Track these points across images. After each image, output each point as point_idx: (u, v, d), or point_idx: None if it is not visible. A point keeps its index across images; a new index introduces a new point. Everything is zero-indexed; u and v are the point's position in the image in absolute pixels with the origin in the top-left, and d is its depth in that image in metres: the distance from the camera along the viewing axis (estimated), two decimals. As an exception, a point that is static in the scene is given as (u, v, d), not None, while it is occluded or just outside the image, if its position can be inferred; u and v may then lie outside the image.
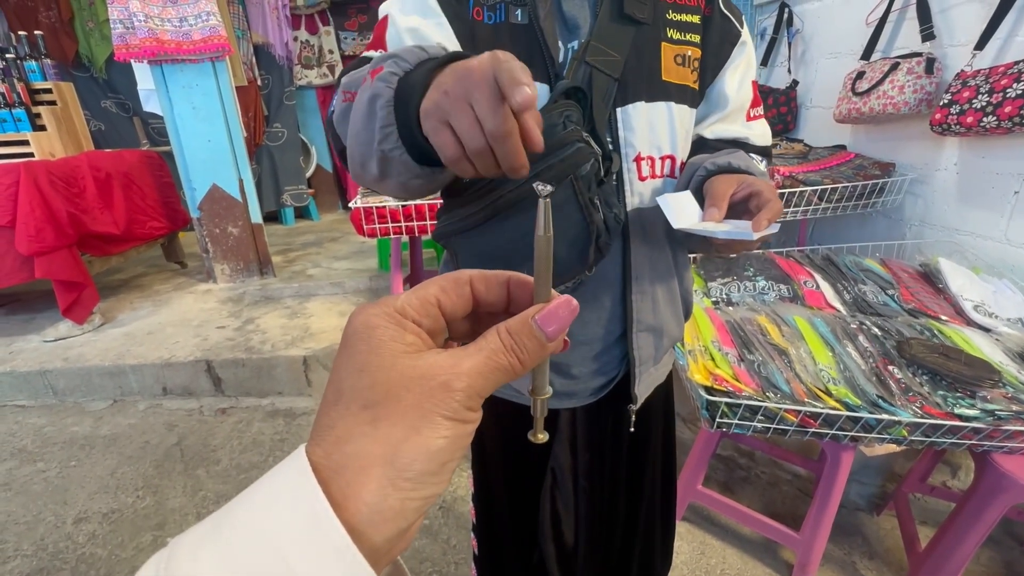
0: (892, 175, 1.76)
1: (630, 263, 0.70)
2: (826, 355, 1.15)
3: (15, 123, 2.33)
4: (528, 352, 0.23)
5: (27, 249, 2.13)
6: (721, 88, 0.72)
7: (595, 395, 0.78)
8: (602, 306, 0.72)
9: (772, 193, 0.60)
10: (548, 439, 0.27)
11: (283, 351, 2.23)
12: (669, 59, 0.66)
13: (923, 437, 1.00)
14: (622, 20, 0.64)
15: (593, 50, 0.62)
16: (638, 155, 0.67)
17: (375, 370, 0.21)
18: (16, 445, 1.93)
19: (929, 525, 1.47)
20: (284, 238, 3.99)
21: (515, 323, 0.24)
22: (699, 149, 0.74)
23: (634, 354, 0.74)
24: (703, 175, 0.66)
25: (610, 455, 0.86)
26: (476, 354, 0.23)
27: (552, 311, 0.24)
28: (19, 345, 2.37)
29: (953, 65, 1.57)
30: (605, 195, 0.60)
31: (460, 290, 0.25)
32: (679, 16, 0.67)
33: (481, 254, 0.63)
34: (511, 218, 0.59)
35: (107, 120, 3.95)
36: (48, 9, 3.58)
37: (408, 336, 0.22)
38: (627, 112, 0.65)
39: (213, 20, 2.44)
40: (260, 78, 3.96)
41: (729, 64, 0.71)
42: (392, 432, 0.20)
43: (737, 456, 1.76)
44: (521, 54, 0.60)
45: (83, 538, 1.50)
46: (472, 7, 0.63)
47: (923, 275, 1.49)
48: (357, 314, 0.23)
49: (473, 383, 0.22)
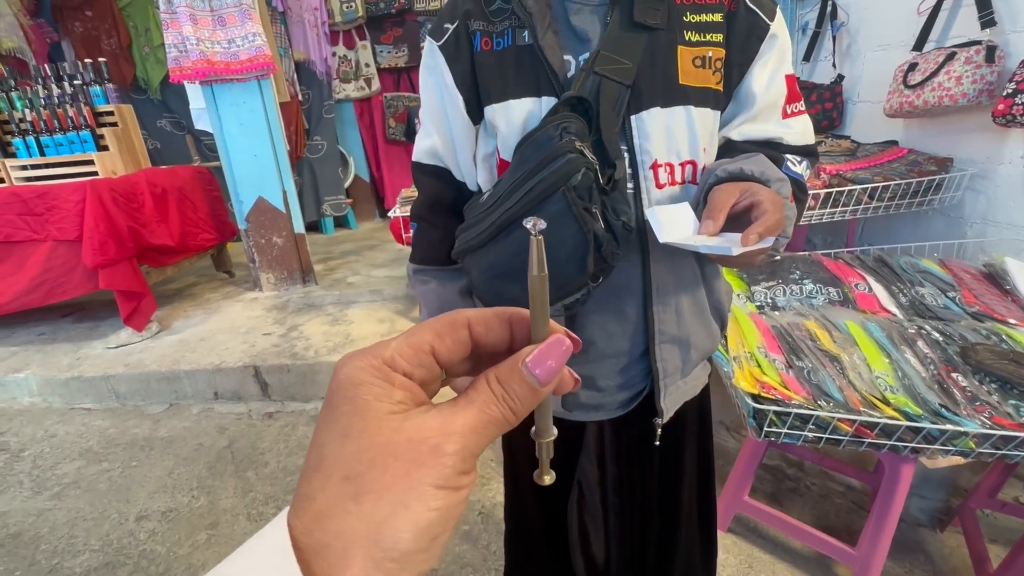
0: (950, 171, 1.67)
1: (650, 273, 0.68)
2: (882, 362, 1.09)
3: (81, 144, 2.50)
4: (520, 400, 0.22)
5: (92, 262, 2.28)
6: (748, 86, 0.69)
7: (622, 408, 0.77)
8: (627, 318, 0.71)
9: (773, 204, 0.57)
10: (554, 480, 0.26)
11: (325, 357, 2.30)
12: (687, 62, 0.64)
13: (993, 449, 0.93)
14: (633, 28, 0.63)
15: (602, 59, 0.62)
16: (655, 162, 0.65)
17: (359, 435, 0.19)
18: (83, 446, 2.06)
19: (1000, 544, 1.37)
20: (324, 247, 4.11)
21: (504, 369, 0.22)
22: (727, 151, 0.71)
23: (658, 366, 0.72)
24: (712, 183, 0.63)
25: (639, 470, 0.84)
26: (467, 407, 0.21)
27: (543, 353, 0.22)
28: (85, 351, 2.53)
29: (1017, 52, 1.47)
30: (613, 203, 0.60)
31: (457, 334, 0.23)
32: (698, 17, 0.65)
33: (489, 269, 0.65)
34: (512, 234, 0.62)
35: (163, 138, 4.19)
36: (109, 37, 3.84)
37: (396, 393, 0.21)
38: (641, 119, 0.64)
39: (259, 40, 2.56)
40: (301, 93, 4.11)
41: (757, 60, 0.68)
42: (377, 509, 0.19)
43: (785, 466, 1.69)
44: (528, 73, 0.66)
45: (144, 535, 1.59)
46: (480, 39, 0.68)
47: (987, 276, 1.40)
48: (343, 365, 0.21)
49: (467, 443, 0.20)
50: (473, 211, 0.70)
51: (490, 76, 0.68)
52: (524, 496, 0.90)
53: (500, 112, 0.68)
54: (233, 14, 2.51)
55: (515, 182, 0.61)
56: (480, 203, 0.68)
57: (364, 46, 4.36)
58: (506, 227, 0.62)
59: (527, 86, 0.66)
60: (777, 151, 0.70)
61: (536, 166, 0.58)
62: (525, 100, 0.66)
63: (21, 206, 2.30)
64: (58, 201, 2.29)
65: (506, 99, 0.67)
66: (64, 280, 2.37)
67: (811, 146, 0.74)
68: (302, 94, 4.13)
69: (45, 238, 2.33)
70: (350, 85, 4.42)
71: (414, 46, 4.38)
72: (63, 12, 3.77)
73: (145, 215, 2.58)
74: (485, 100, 0.69)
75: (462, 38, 0.68)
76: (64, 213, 2.29)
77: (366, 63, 4.40)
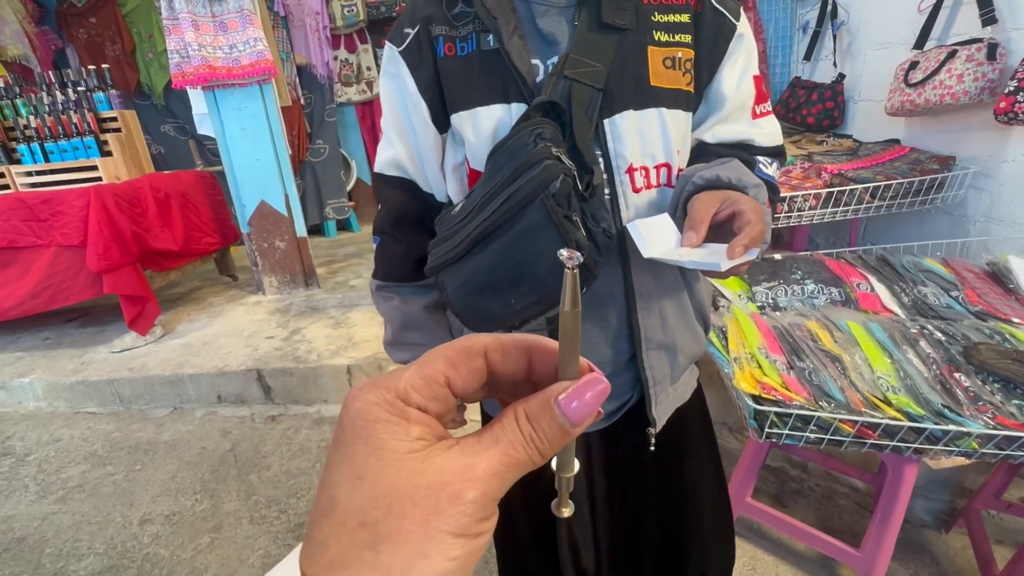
0: (952, 169, 1.66)
1: (632, 279, 0.67)
2: (884, 362, 1.09)
3: (85, 150, 2.52)
4: (549, 440, 0.20)
5: (96, 266, 2.30)
6: (718, 87, 0.68)
7: (608, 419, 0.75)
8: (609, 325, 0.70)
9: (755, 213, 0.56)
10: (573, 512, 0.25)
11: (328, 360, 2.31)
12: (657, 63, 0.63)
13: (997, 450, 0.92)
14: (602, 29, 0.61)
15: (572, 63, 0.60)
16: (630, 166, 0.64)
17: (375, 478, 0.18)
18: (88, 450, 2.07)
19: (1007, 545, 1.36)
20: (327, 250, 4.13)
21: (535, 407, 0.21)
22: (700, 155, 0.70)
23: (647, 374, 0.71)
24: (691, 191, 0.62)
25: (632, 480, 0.83)
26: (492, 448, 0.20)
27: (578, 392, 0.20)
28: (90, 356, 2.55)
29: (1018, 50, 1.47)
30: (592, 210, 0.58)
31: (472, 363, 0.22)
32: (665, 17, 0.64)
33: (465, 284, 0.63)
34: (490, 246, 0.59)
35: (167, 143, 4.21)
36: (113, 43, 3.87)
37: (413, 430, 0.20)
38: (615, 123, 0.63)
39: (260, 45, 2.57)
40: (303, 97, 4.13)
41: (726, 60, 0.67)
42: (395, 559, 0.18)
43: (789, 467, 1.68)
44: (495, 78, 0.64)
45: (148, 538, 1.59)
46: (443, 44, 0.65)
47: (991, 275, 1.39)
48: (353, 399, 0.20)
49: (488, 488, 0.19)
50: (445, 224, 0.67)
51: (455, 83, 0.66)
52: (513, 508, 0.89)
53: (467, 120, 0.65)
54: (234, 19, 2.52)
55: (489, 192, 0.59)
56: (452, 215, 0.66)
57: (365, 49, 4.38)
58: (483, 240, 0.59)
59: (494, 92, 0.64)
60: (748, 152, 0.70)
61: (511, 175, 0.56)
62: (494, 107, 0.64)
63: (26, 212, 2.31)
64: (62, 206, 2.31)
65: (473, 106, 0.65)
66: (68, 285, 2.39)
67: (780, 147, 0.74)
68: (304, 98, 4.15)
69: (49, 243, 2.35)
70: (352, 88, 4.44)
71: (415, 49, 4.39)
72: (67, 19, 3.80)
73: (149, 220, 2.60)
74: (451, 108, 0.67)
75: (424, 43, 0.66)
76: (68, 218, 2.31)
77: (367, 66, 4.42)
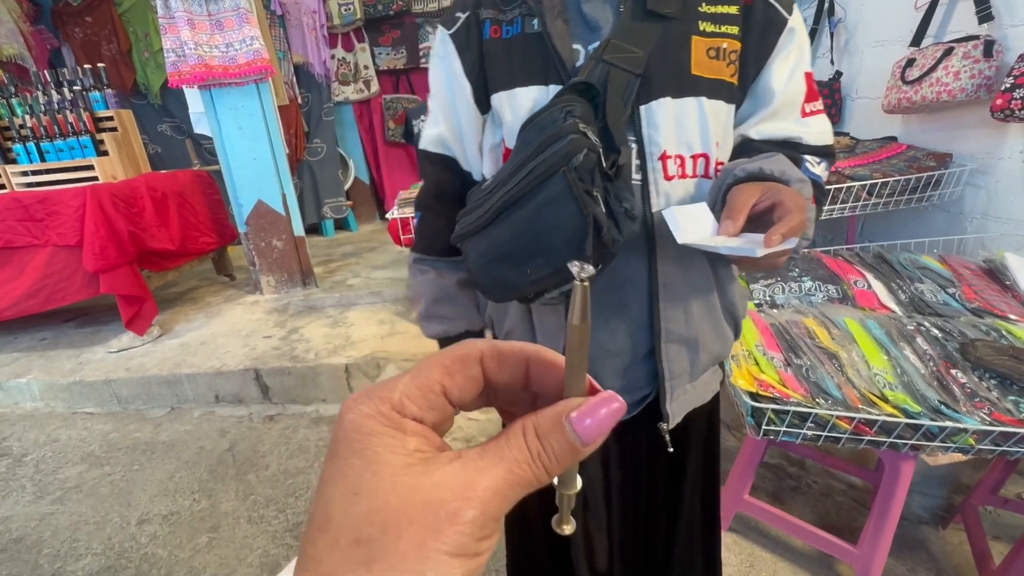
0: (949, 166, 1.66)
1: (657, 269, 0.67)
2: (881, 359, 1.09)
3: (81, 150, 2.51)
4: (558, 459, 0.19)
5: (93, 266, 2.29)
6: (767, 82, 0.67)
7: (628, 412, 0.75)
8: (629, 314, 0.70)
9: (795, 204, 0.56)
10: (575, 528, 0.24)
11: (326, 359, 2.30)
12: (700, 53, 0.63)
13: (993, 446, 0.93)
14: (646, 17, 0.62)
15: (612, 48, 0.61)
16: (663, 153, 0.64)
17: (371, 494, 0.18)
18: (85, 450, 2.07)
19: (1003, 540, 1.36)
20: (325, 249, 4.12)
21: (545, 423, 0.20)
22: (745, 150, 0.69)
23: (664, 366, 0.70)
24: (731, 183, 0.62)
25: (646, 475, 0.83)
26: (496, 465, 0.19)
27: (591, 409, 0.19)
28: (87, 356, 2.54)
29: (1015, 47, 1.47)
30: (617, 190, 0.59)
31: (468, 371, 0.22)
32: (713, 8, 0.64)
33: (486, 252, 0.65)
34: (512, 216, 0.61)
35: (163, 143, 4.20)
36: (109, 42, 3.85)
37: (410, 441, 0.19)
38: (651, 109, 0.63)
39: (256, 44, 2.56)
40: (300, 96, 4.12)
41: (775, 55, 0.66)
42: None
43: (787, 465, 1.69)
44: (536, 61, 0.65)
45: (145, 539, 1.59)
46: (489, 27, 0.68)
47: (987, 271, 1.39)
48: (348, 411, 0.19)
49: (488, 508, 0.18)
50: (475, 196, 0.69)
51: (497, 64, 0.68)
52: (526, 501, 0.89)
53: (506, 100, 0.68)
54: (231, 18, 2.51)
55: (516, 164, 0.60)
56: (482, 188, 0.68)
57: (363, 48, 4.36)
58: (506, 210, 0.61)
59: (534, 74, 0.66)
60: (795, 151, 0.68)
61: (538, 147, 0.58)
62: (532, 88, 0.66)
63: (22, 212, 2.31)
64: (58, 206, 2.30)
65: (513, 87, 0.67)
66: (64, 285, 2.38)
67: (829, 146, 0.72)
68: (301, 97, 4.14)
69: (45, 243, 2.34)
70: (349, 87, 4.43)
71: (412, 48, 4.38)
72: (63, 18, 3.79)
73: (145, 219, 2.59)
74: (492, 88, 0.69)
75: (472, 27, 0.69)
76: (64, 218, 2.30)
77: (365, 65, 4.41)
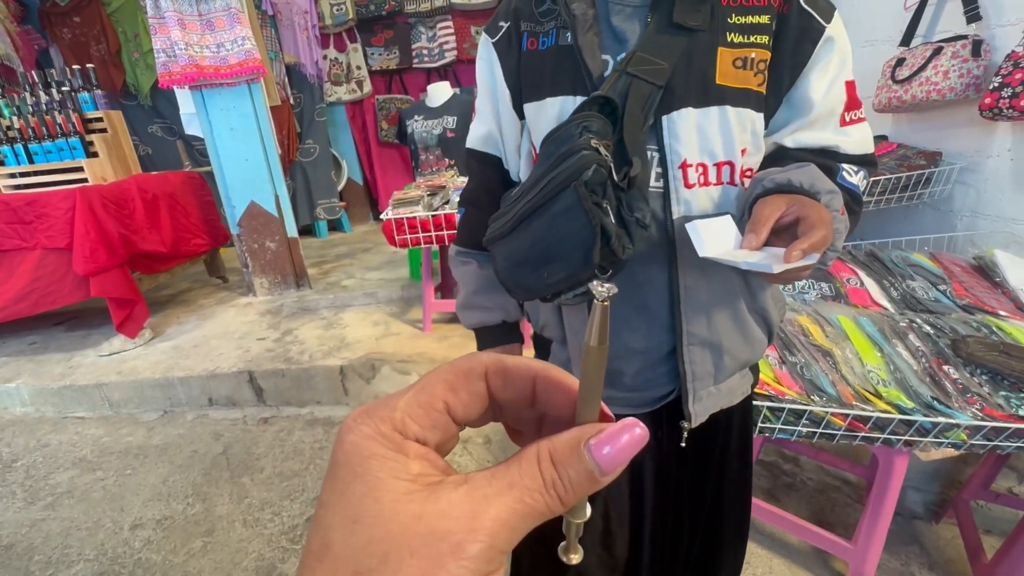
0: (939, 165, 1.67)
1: (677, 272, 0.68)
2: (874, 356, 1.10)
3: (71, 151, 2.49)
4: (574, 488, 0.18)
5: (83, 269, 2.26)
6: (804, 92, 0.66)
7: (650, 406, 0.76)
8: (651, 315, 0.71)
9: (820, 219, 0.56)
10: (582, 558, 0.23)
11: (320, 361, 2.29)
12: (726, 63, 0.64)
13: (985, 441, 0.94)
14: (672, 29, 0.63)
15: (637, 60, 0.63)
16: (684, 162, 0.65)
17: (372, 522, 0.17)
18: (77, 455, 2.04)
19: (994, 535, 1.38)
20: (318, 250, 4.10)
21: (562, 449, 0.18)
22: (779, 158, 0.69)
23: (686, 368, 0.71)
24: (759, 193, 0.62)
25: (675, 470, 0.83)
26: (506, 493, 0.18)
27: (612, 436, 0.18)
28: (78, 360, 2.51)
29: (1002, 46, 1.48)
30: (630, 200, 0.61)
31: (472, 386, 0.21)
32: (743, 18, 0.64)
33: (509, 257, 0.69)
34: (530, 226, 0.64)
35: (154, 144, 4.16)
36: (98, 43, 3.81)
37: (412, 465, 0.18)
38: (672, 119, 0.64)
39: (248, 44, 2.55)
40: (292, 97, 4.10)
41: (813, 64, 0.65)
42: None
43: (781, 461, 1.70)
44: (566, 72, 0.68)
45: (139, 544, 1.57)
46: (527, 39, 0.72)
47: (977, 269, 1.41)
48: (348, 431, 0.19)
49: (495, 541, 0.17)
50: (505, 202, 0.74)
51: (531, 75, 0.72)
52: None
53: (536, 110, 0.72)
54: (221, 18, 2.49)
55: (536, 176, 0.64)
56: (511, 195, 0.73)
57: (355, 48, 4.35)
58: (525, 219, 0.65)
59: (563, 85, 0.69)
60: (833, 160, 0.68)
61: (555, 161, 0.61)
62: (559, 98, 0.69)
63: (10, 214, 2.27)
64: (47, 209, 2.27)
65: (543, 97, 0.70)
66: (54, 289, 2.35)
67: (869, 155, 0.71)
68: (293, 98, 4.12)
69: (34, 246, 2.31)
70: (341, 88, 4.41)
71: (405, 48, 4.37)
72: (51, 18, 3.75)
73: (136, 221, 2.56)
74: (526, 98, 0.73)
75: (513, 36, 0.73)
76: (53, 221, 2.27)
77: (357, 66, 4.39)
